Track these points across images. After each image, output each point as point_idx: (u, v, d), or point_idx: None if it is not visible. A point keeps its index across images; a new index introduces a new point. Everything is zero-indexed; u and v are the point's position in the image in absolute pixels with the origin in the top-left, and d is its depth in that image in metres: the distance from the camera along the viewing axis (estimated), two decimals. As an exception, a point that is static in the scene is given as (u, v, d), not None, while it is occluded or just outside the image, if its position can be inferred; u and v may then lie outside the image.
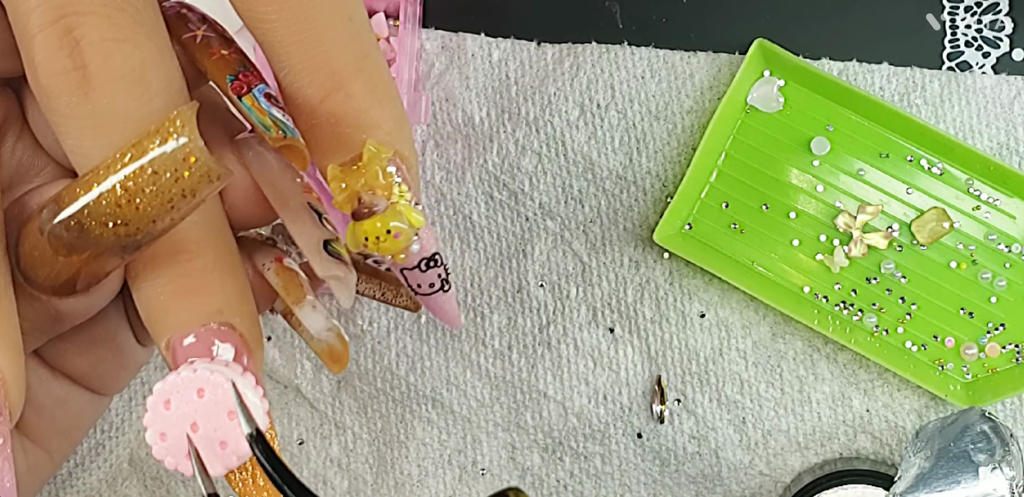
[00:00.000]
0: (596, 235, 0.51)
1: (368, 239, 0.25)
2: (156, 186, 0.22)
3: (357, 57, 0.25)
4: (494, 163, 0.51)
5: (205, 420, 0.23)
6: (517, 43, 0.51)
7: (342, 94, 0.24)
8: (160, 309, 0.24)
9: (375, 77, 0.25)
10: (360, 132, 0.25)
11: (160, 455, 0.23)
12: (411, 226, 0.25)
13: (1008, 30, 0.52)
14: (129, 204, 0.22)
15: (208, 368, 0.23)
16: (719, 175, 0.50)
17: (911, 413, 0.51)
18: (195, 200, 0.22)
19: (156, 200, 0.22)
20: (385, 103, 0.25)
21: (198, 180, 0.22)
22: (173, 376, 0.23)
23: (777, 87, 0.50)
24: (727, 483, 0.51)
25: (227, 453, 0.23)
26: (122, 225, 0.22)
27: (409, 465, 0.51)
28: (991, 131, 0.51)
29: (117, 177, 0.22)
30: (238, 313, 0.25)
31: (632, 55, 0.51)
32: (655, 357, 0.51)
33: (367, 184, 0.25)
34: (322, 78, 0.24)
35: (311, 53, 0.24)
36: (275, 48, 0.24)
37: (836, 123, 0.50)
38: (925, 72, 0.51)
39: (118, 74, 0.22)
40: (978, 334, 0.50)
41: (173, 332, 0.24)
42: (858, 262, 0.50)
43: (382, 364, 0.51)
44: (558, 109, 0.51)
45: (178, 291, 0.24)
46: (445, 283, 0.28)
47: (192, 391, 0.23)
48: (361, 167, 0.25)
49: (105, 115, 0.23)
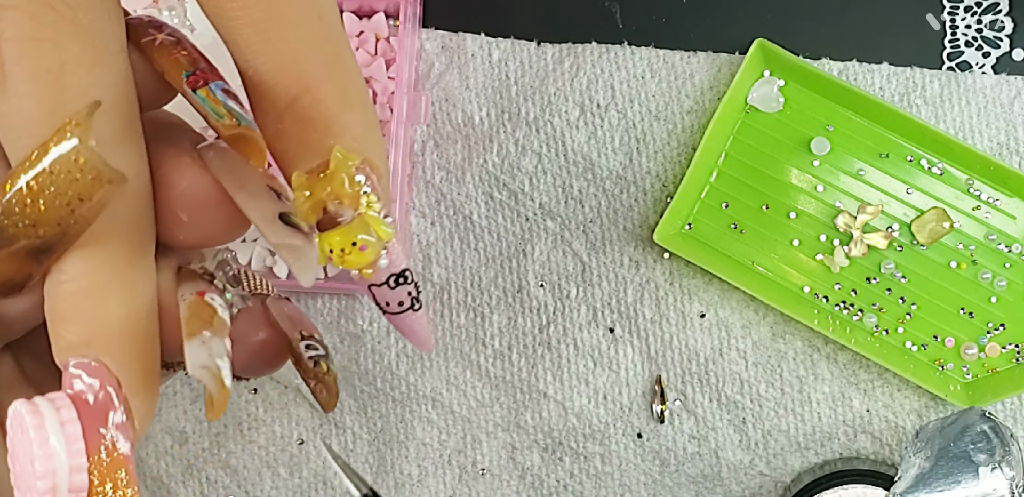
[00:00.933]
0: (596, 235, 0.51)
1: (333, 251, 0.24)
2: (55, 187, 0.21)
3: (327, 59, 0.23)
4: (494, 163, 0.51)
5: (23, 452, 0.22)
6: (517, 43, 0.51)
7: (309, 98, 0.23)
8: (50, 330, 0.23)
9: (345, 81, 0.24)
10: (327, 138, 0.23)
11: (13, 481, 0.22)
12: (379, 239, 0.24)
13: (1008, 30, 0.52)
14: (33, 205, 0.21)
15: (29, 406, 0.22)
16: (719, 175, 0.50)
17: (911, 413, 0.51)
18: (91, 203, 0.21)
19: (56, 201, 0.21)
20: (355, 108, 0.24)
21: (91, 183, 0.21)
22: (14, 404, 0.22)
23: (777, 87, 0.50)
24: (727, 483, 0.51)
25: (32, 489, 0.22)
26: (30, 226, 0.21)
27: (409, 465, 0.51)
28: (991, 131, 0.51)
29: (25, 177, 0.21)
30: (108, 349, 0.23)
31: (632, 55, 0.51)
32: (655, 357, 0.51)
33: (333, 193, 0.23)
34: (289, 80, 0.23)
35: (278, 53, 0.23)
36: (240, 48, 0.23)
37: (836, 123, 0.50)
38: (925, 72, 0.51)
39: (31, 74, 0.21)
40: (978, 334, 0.50)
41: (59, 357, 0.23)
42: (858, 262, 0.50)
43: (382, 364, 0.51)
44: (558, 109, 0.51)
45: (57, 315, 0.23)
46: (415, 302, 0.26)
47: (20, 423, 0.22)
48: (327, 175, 0.23)
49: (16, 116, 0.22)
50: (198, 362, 0.23)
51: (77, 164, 0.21)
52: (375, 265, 0.24)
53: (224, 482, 0.51)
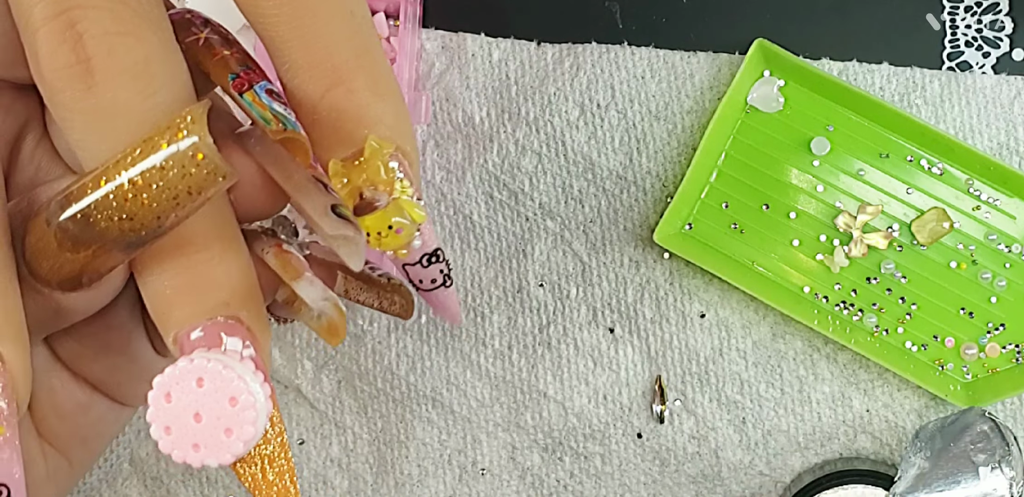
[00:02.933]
0: (596, 235, 0.51)
1: (370, 234, 0.25)
2: (163, 182, 0.22)
3: (359, 52, 0.25)
4: (494, 163, 0.51)
5: (207, 409, 0.23)
6: (517, 43, 0.51)
7: (343, 89, 0.24)
8: (166, 303, 0.24)
9: (376, 72, 0.25)
10: (361, 127, 0.25)
11: (167, 449, 0.23)
12: (413, 221, 0.25)
13: (1008, 30, 0.52)
14: (135, 199, 0.22)
15: (204, 356, 0.23)
16: (719, 175, 0.50)
17: (911, 413, 0.51)
18: (201, 198, 0.22)
19: (162, 196, 0.22)
20: (387, 98, 0.25)
21: (205, 178, 0.22)
22: (171, 368, 0.23)
23: (777, 87, 0.50)
24: (727, 483, 0.51)
25: (233, 441, 0.23)
26: (127, 220, 0.22)
27: (409, 465, 0.51)
28: (991, 131, 0.51)
29: (128, 173, 0.22)
30: (244, 306, 0.25)
31: (632, 55, 0.51)
32: (655, 357, 0.51)
33: (369, 179, 0.25)
34: (323, 73, 0.24)
35: (312, 48, 0.24)
36: (276, 43, 0.24)
37: (836, 123, 0.50)
38: (925, 72, 0.51)
39: (121, 68, 0.22)
40: (978, 334, 0.50)
41: (180, 326, 0.24)
42: (858, 262, 0.50)
43: (382, 364, 0.51)
44: (558, 109, 0.51)
45: (184, 285, 0.24)
46: (447, 279, 0.28)
47: (191, 381, 0.23)
48: (363, 162, 0.24)
49: (108, 110, 0.22)
50: (317, 297, 0.25)
51: (194, 160, 0.22)
52: (409, 246, 0.26)
53: (224, 482, 0.51)
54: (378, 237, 0.25)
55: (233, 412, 0.23)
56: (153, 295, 0.25)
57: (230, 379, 0.23)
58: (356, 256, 0.25)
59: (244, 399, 0.23)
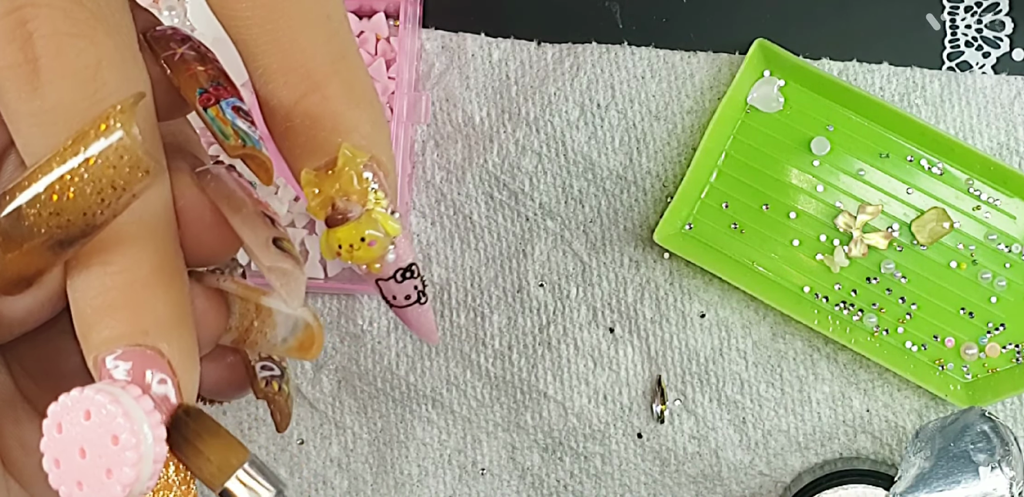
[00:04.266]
0: (596, 235, 0.51)
1: (342, 247, 0.24)
2: (89, 175, 0.21)
3: (334, 58, 0.24)
4: (494, 163, 0.51)
5: (91, 445, 0.21)
6: (517, 43, 0.51)
7: (318, 96, 0.24)
8: (87, 323, 0.23)
9: (352, 79, 0.24)
10: (335, 135, 0.24)
11: (55, 483, 0.22)
12: (387, 234, 0.24)
13: (1008, 30, 0.52)
14: (62, 193, 0.21)
15: (96, 388, 0.21)
16: (719, 175, 0.50)
17: (911, 413, 0.51)
18: (126, 194, 0.21)
19: (87, 190, 0.21)
20: (362, 106, 0.24)
21: (128, 172, 0.21)
22: (64, 397, 0.22)
23: (777, 87, 0.50)
24: (727, 483, 0.51)
25: (111, 483, 0.21)
26: (54, 215, 0.21)
27: (409, 465, 0.51)
28: (991, 131, 0.51)
29: (59, 167, 0.21)
30: (166, 338, 0.23)
31: (632, 55, 0.51)
32: (655, 357, 0.51)
33: (341, 189, 0.24)
34: (297, 79, 0.23)
35: (286, 53, 0.23)
36: (249, 47, 0.23)
37: (836, 123, 0.50)
38: (925, 72, 0.51)
39: (69, 70, 0.22)
40: (978, 334, 0.50)
41: (98, 350, 0.23)
42: (858, 262, 0.50)
43: (382, 364, 0.51)
44: (558, 109, 0.51)
45: (104, 305, 0.23)
46: (421, 295, 0.27)
47: (80, 413, 0.21)
48: (336, 172, 0.24)
49: (53, 112, 0.22)
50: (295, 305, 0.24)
51: (118, 152, 0.21)
52: (383, 260, 0.25)
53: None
54: (350, 249, 0.24)
55: (113, 452, 0.21)
56: (77, 312, 0.23)
57: (113, 415, 0.21)
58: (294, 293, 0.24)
59: (125, 439, 0.21)
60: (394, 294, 0.26)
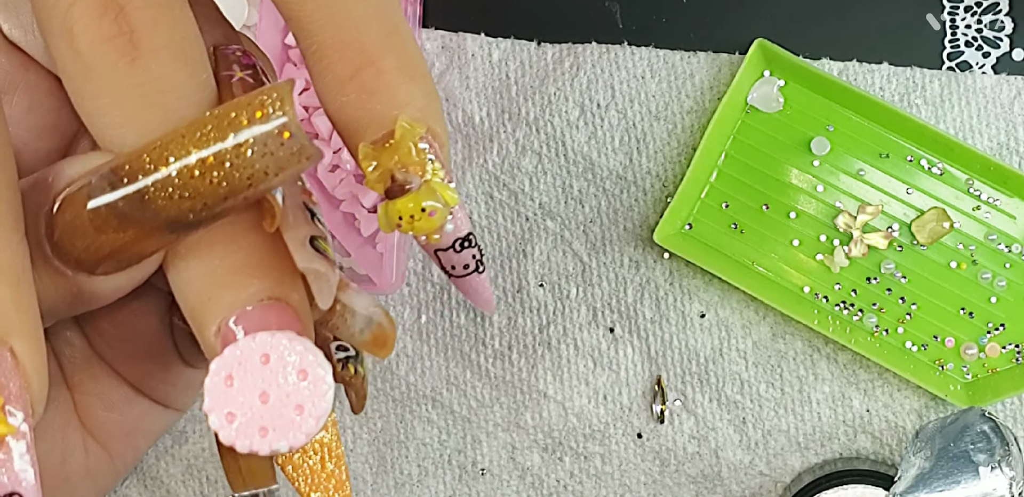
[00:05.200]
0: (596, 235, 0.51)
1: (402, 218, 0.24)
2: (239, 161, 0.21)
3: (387, 32, 0.24)
4: (494, 163, 0.51)
5: (275, 387, 0.21)
6: (517, 43, 0.51)
7: (372, 70, 0.24)
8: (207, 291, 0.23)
9: (405, 53, 0.24)
10: (391, 108, 0.24)
11: (229, 438, 0.21)
12: (446, 204, 0.24)
13: (1008, 30, 0.52)
14: (202, 178, 0.21)
15: (268, 333, 0.21)
16: (719, 175, 0.50)
17: (911, 413, 0.51)
18: (277, 179, 0.21)
19: (235, 175, 0.21)
20: (416, 79, 0.24)
21: (289, 158, 0.21)
22: (231, 349, 0.21)
23: (777, 87, 0.50)
24: (727, 483, 0.51)
25: (305, 418, 0.21)
26: (188, 199, 0.21)
27: (409, 465, 0.51)
28: (991, 131, 0.51)
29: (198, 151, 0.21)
30: (292, 289, 0.23)
31: (632, 55, 0.51)
32: (655, 357, 0.51)
33: (400, 161, 0.24)
34: (352, 54, 0.24)
35: (341, 28, 0.23)
36: (303, 24, 0.24)
37: (836, 123, 0.50)
38: (925, 72, 0.51)
39: (165, 41, 0.21)
40: (978, 334, 0.50)
41: (224, 315, 0.22)
42: (858, 262, 0.50)
43: (382, 364, 0.51)
44: (558, 109, 0.51)
45: (228, 269, 0.23)
46: (480, 264, 0.27)
47: (256, 359, 0.21)
48: (393, 144, 0.24)
49: (153, 84, 0.21)
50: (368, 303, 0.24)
51: (279, 139, 0.21)
52: (442, 230, 0.25)
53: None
54: (411, 220, 0.24)
55: (304, 386, 0.21)
56: (191, 282, 0.23)
57: (300, 352, 0.21)
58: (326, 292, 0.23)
59: (315, 372, 0.21)
60: (453, 264, 0.26)
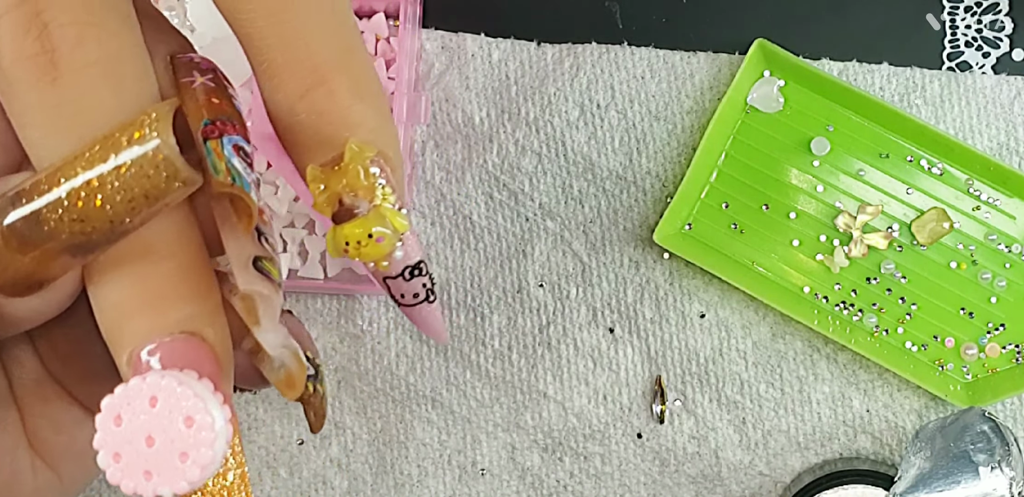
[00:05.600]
0: (596, 235, 0.51)
1: (349, 244, 0.24)
2: (120, 183, 0.20)
3: (340, 51, 0.23)
4: (494, 163, 0.51)
5: (160, 431, 0.21)
6: (517, 43, 0.51)
7: (324, 89, 0.23)
8: (121, 317, 0.22)
9: (359, 72, 0.24)
10: (342, 130, 0.23)
11: (115, 479, 0.21)
12: (395, 231, 0.24)
13: (1008, 30, 0.52)
14: (88, 200, 0.20)
15: (159, 374, 0.21)
16: (719, 175, 0.50)
17: (911, 413, 0.51)
18: (159, 203, 0.21)
19: (117, 198, 0.20)
20: (369, 100, 0.24)
21: (164, 182, 0.20)
22: (121, 388, 0.21)
23: (777, 87, 0.50)
24: (727, 483, 0.51)
25: (188, 466, 0.21)
26: (78, 222, 0.21)
27: (409, 465, 0.51)
28: (991, 131, 0.51)
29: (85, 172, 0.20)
30: (210, 323, 0.22)
31: (632, 55, 0.51)
32: (655, 357, 0.51)
33: (348, 185, 0.23)
34: (303, 73, 0.23)
35: (291, 46, 0.23)
36: (254, 41, 0.23)
37: (836, 123, 0.50)
38: (925, 72, 0.51)
39: (90, 60, 0.21)
40: (978, 334, 0.50)
41: (136, 343, 0.22)
42: (858, 262, 0.50)
43: (382, 364, 0.51)
44: (558, 109, 0.51)
45: (144, 296, 0.22)
46: (430, 293, 0.26)
47: (144, 401, 0.21)
48: (342, 167, 0.23)
49: (73, 105, 0.21)
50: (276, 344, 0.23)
51: (154, 161, 0.20)
52: (391, 257, 0.24)
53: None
54: (357, 246, 0.23)
55: (189, 433, 0.21)
56: (107, 308, 0.22)
57: (186, 397, 0.21)
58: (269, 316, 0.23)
59: (201, 419, 0.21)
60: (402, 292, 0.26)
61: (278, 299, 0.23)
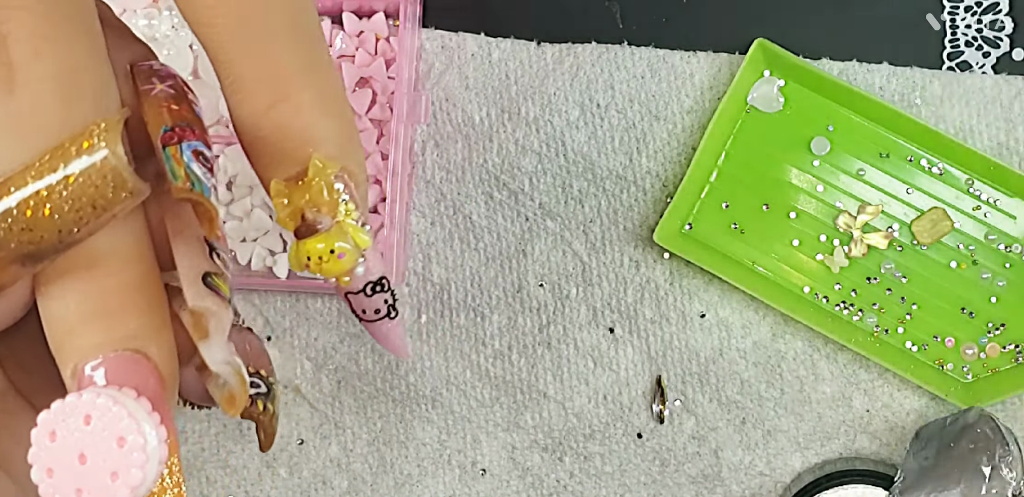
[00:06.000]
0: (596, 235, 0.51)
1: (311, 259, 0.24)
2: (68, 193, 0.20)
3: (306, 66, 0.23)
4: (494, 163, 0.51)
5: (93, 450, 0.21)
6: (517, 43, 0.51)
7: (288, 105, 0.23)
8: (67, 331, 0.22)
9: (323, 87, 0.24)
10: (306, 146, 0.23)
11: (47, 494, 0.21)
12: (356, 247, 0.24)
13: (1008, 30, 0.52)
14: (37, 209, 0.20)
15: (95, 392, 0.21)
16: (719, 175, 0.50)
17: (911, 413, 0.51)
18: (107, 214, 0.21)
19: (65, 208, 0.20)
20: (333, 115, 0.24)
21: (111, 192, 0.20)
22: (57, 404, 0.21)
23: (777, 87, 0.50)
24: (727, 483, 0.51)
25: (118, 486, 0.21)
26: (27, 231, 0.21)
27: (409, 465, 0.51)
28: (991, 131, 0.51)
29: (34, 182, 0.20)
30: (155, 340, 0.22)
31: (632, 55, 0.51)
32: (655, 357, 0.51)
33: (311, 201, 0.23)
34: (267, 88, 0.23)
35: (256, 61, 0.23)
36: (219, 56, 0.23)
37: (836, 123, 0.50)
38: (925, 72, 0.51)
39: (46, 73, 0.21)
40: (978, 334, 0.50)
41: (79, 358, 0.22)
42: (858, 262, 0.50)
43: (382, 364, 0.51)
44: (558, 109, 0.51)
45: (88, 311, 0.22)
46: (392, 310, 0.26)
47: (79, 418, 0.21)
48: (306, 183, 0.23)
49: (29, 116, 0.21)
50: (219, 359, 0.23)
51: (101, 172, 0.20)
52: (352, 273, 0.25)
53: (224, 482, 0.51)
54: (319, 262, 0.24)
55: (120, 454, 0.21)
56: (52, 320, 0.22)
57: (119, 417, 0.21)
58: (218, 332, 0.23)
59: (132, 440, 0.21)
60: (364, 308, 0.26)
61: (228, 315, 0.23)
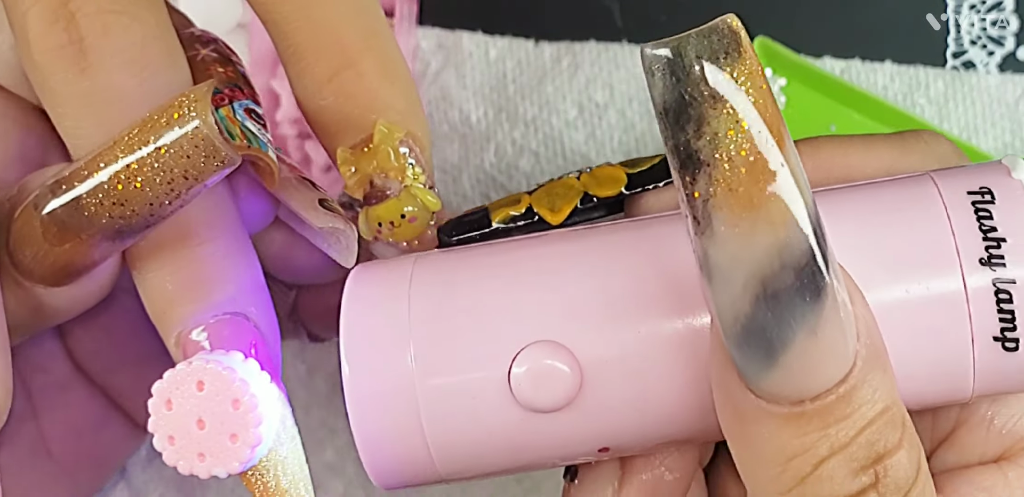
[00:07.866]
0: (594, 236, 0.51)
1: (382, 224, 0.24)
2: (160, 164, 0.21)
3: (366, 34, 0.24)
4: (491, 163, 0.51)
5: (209, 414, 0.22)
6: (514, 41, 0.51)
7: (352, 72, 0.23)
8: (166, 300, 0.23)
9: (385, 54, 0.24)
10: (370, 112, 0.24)
11: (172, 460, 0.22)
12: (426, 209, 0.24)
13: (1013, 28, 0.51)
14: (128, 183, 0.21)
15: (203, 358, 0.22)
16: (719, 175, 0.50)
17: (913, 417, 0.50)
18: (198, 184, 0.21)
19: (158, 179, 0.21)
20: (396, 81, 0.24)
21: (204, 162, 0.21)
22: (169, 373, 0.22)
23: (779, 86, 0.50)
24: (727, 487, 0.50)
25: (239, 447, 0.22)
26: (118, 206, 0.21)
27: (405, 469, 0.51)
28: (996, 131, 0.51)
29: (125, 156, 0.21)
30: (252, 302, 0.23)
31: (632, 54, 0.51)
32: (654, 360, 0.50)
33: (379, 166, 0.24)
34: (330, 55, 0.23)
35: (318, 29, 0.23)
36: (280, 26, 0.23)
37: (839, 122, 0.50)
38: (929, 71, 0.51)
39: (116, 49, 0.21)
40: (982, 337, 0.50)
41: (182, 325, 0.23)
42: (860, 264, 0.50)
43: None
44: (556, 108, 0.51)
45: (186, 280, 0.23)
46: None
47: (191, 385, 0.22)
48: (372, 149, 0.24)
49: (103, 92, 0.22)
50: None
51: (193, 142, 0.20)
52: (423, 236, 0.25)
53: (217, 486, 0.51)
54: (390, 227, 0.24)
55: (236, 416, 0.22)
56: (152, 292, 0.23)
57: (231, 381, 0.22)
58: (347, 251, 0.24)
59: (247, 401, 0.22)
60: None
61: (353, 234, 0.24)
